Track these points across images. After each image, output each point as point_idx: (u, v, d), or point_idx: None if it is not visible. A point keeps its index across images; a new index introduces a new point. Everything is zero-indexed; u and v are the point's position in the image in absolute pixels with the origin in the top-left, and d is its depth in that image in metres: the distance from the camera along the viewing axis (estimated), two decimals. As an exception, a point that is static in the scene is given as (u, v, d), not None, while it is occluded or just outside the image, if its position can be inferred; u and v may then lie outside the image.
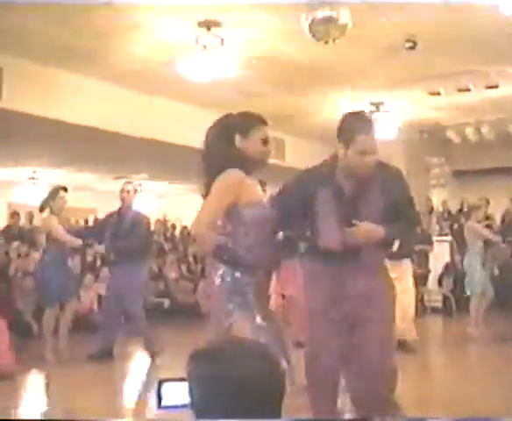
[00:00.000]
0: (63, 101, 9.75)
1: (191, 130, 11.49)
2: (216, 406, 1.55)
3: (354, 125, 3.51)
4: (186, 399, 1.73)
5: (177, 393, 1.79)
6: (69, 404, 5.71)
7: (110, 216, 7.90)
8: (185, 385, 1.71)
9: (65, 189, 7.85)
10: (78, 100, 9.91)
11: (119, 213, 7.80)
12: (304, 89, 10.84)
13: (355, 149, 3.45)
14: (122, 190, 7.80)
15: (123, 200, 7.78)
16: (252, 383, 1.56)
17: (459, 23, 8.04)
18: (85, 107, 9.99)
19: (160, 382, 1.79)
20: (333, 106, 11.78)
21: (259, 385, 1.56)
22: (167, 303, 11.97)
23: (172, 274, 12.86)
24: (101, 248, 8.33)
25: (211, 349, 1.66)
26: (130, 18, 7.93)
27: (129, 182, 8.03)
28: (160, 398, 1.79)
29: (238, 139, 3.30)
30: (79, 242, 7.84)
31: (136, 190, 7.96)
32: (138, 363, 7.95)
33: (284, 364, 3.08)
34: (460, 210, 15.15)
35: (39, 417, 5.30)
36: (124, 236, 7.61)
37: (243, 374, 1.56)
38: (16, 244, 11.43)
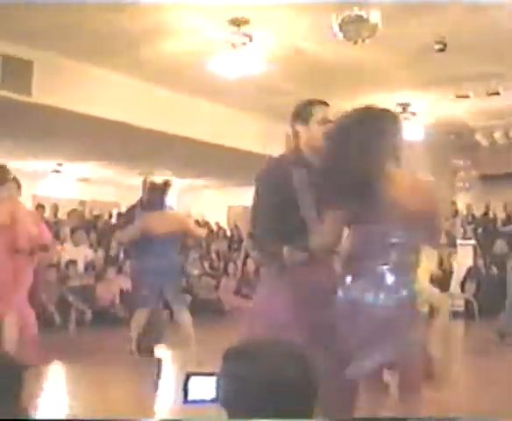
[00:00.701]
0: (91, 95, 9.80)
1: (219, 127, 11.57)
2: (248, 404, 1.54)
3: (309, 105, 3.51)
4: (212, 394, 1.70)
5: (203, 388, 1.75)
6: (91, 398, 5.73)
7: (134, 208, 7.87)
8: (212, 380, 1.69)
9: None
10: (106, 95, 9.97)
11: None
12: (331, 89, 10.76)
13: (315, 120, 3.43)
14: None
15: None
16: (286, 383, 1.54)
17: (489, 25, 7.94)
18: (113, 102, 10.04)
19: (188, 376, 1.76)
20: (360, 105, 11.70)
21: (292, 385, 1.55)
22: (188, 299, 11.96)
23: (194, 271, 12.86)
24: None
25: (246, 347, 1.65)
26: (160, 17, 7.95)
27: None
28: (186, 392, 1.76)
29: (397, 136, 3.16)
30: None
31: None
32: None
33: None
34: (485, 214, 15.00)
35: (62, 412, 5.32)
36: None
37: (277, 374, 1.54)
38: (40, 236, 11.44)
